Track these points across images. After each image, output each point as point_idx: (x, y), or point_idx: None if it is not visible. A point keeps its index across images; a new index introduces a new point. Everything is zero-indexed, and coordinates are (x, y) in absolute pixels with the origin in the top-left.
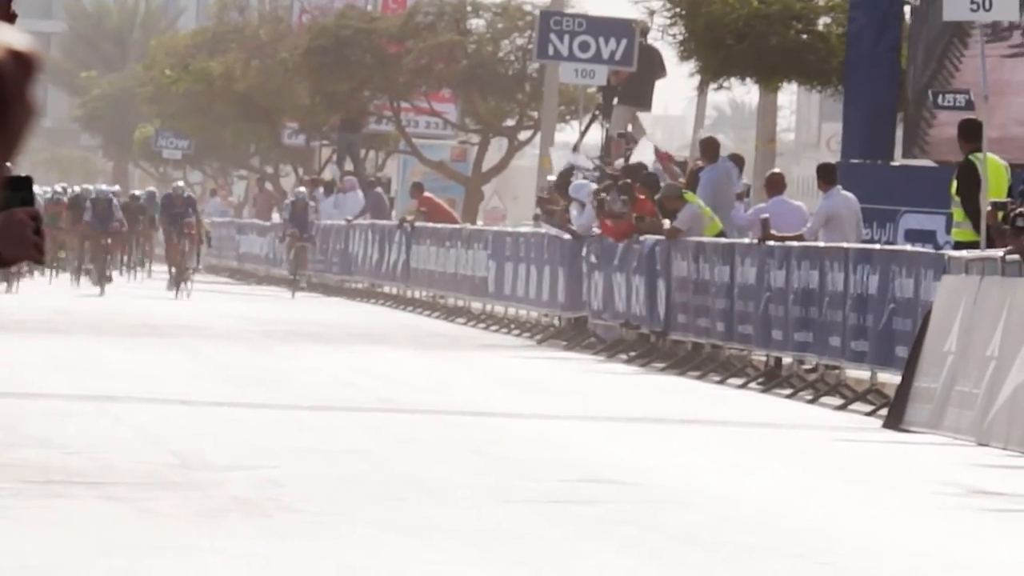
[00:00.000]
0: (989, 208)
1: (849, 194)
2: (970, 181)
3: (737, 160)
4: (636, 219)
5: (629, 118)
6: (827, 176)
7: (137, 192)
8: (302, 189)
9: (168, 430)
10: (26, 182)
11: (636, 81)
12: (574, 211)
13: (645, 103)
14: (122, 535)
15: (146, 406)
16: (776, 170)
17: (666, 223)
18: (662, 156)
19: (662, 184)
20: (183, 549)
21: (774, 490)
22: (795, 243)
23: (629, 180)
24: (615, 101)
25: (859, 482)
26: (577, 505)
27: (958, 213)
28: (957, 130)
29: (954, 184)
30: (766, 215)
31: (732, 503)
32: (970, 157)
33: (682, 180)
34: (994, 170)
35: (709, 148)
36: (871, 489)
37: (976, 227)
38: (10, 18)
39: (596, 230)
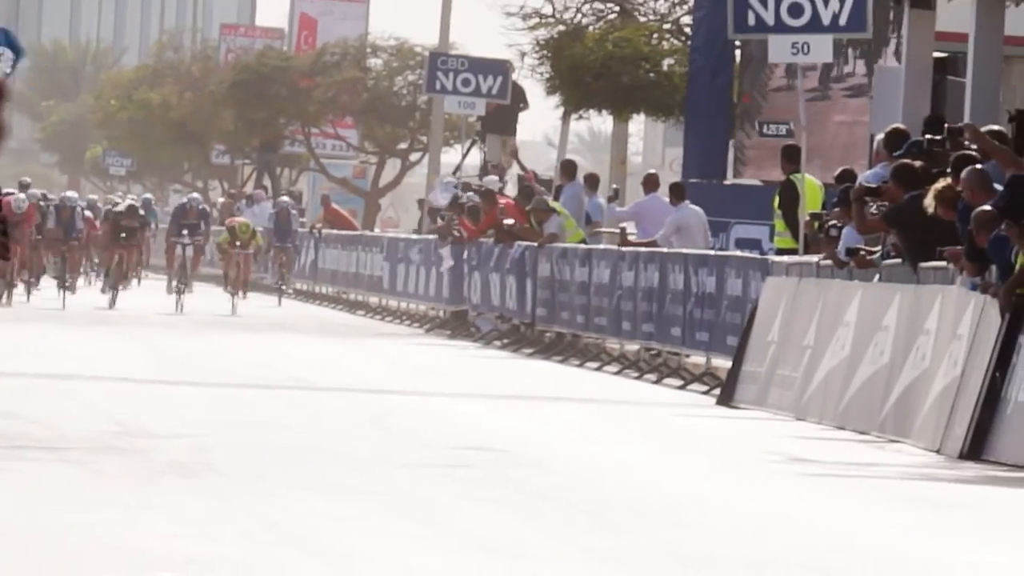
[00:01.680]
0: (807, 219)
1: (698, 208)
2: (791, 197)
3: (591, 179)
4: (506, 224)
5: (499, 145)
6: (678, 192)
7: (133, 199)
8: (285, 198)
9: (113, 404)
10: None
11: (502, 113)
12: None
13: (510, 131)
14: (75, 493)
15: (95, 383)
16: (652, 171)
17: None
18: (528, 176)
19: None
20: (127, 506)
21: (624, 457)
22: (643, 249)
23: (488, 189)
24: (479, 128)
25: (696, 451)
26: (459, 469)
27: (780, 224)
28: (780, 154)
29: (776, 199)
30: (624, 225)
31: (588, 468)
32: (791, 177)
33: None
34: (811, 188)
35: (568, 169)
36: (706, 456)
37: (795, 236)
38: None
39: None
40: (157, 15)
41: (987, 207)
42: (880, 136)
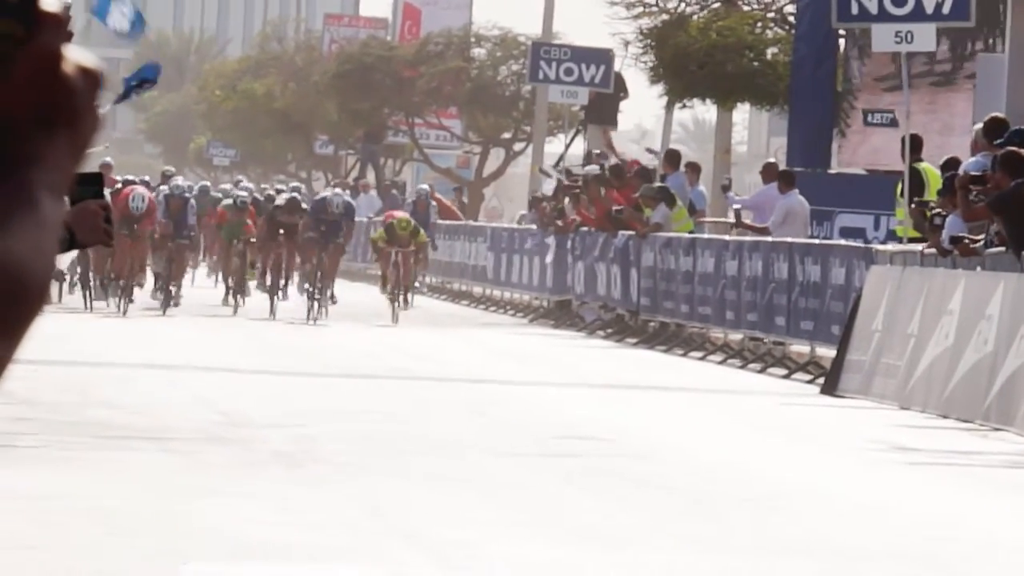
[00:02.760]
0: (913, 207)
1: (802, 197)
2: (916, 186)
3: (693, 168)
4: (615, 210)
5: (600, 135)
6: (788, 180)
7: (281, 187)
8: (424, 186)
9: (217, 393)
10: (97, 178)
11: (604, 102)
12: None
13: (612, 120)
14: (177, 482)
15: (198, 373)
16: (771, 160)
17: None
18: (630, 164)
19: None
20: (229, 494)
21: (728, 446)
22: (748, 238)
23: (602, 174)
24: (583, 117)
25: (800, 439)
26: (562, 458)
27: (901, 212)
28: (902, 143)
29: (899, 187)
30: (738, 206)
31: (692, 457)
32: (916, 165)
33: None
34: (933, 177)
35: (672, 158)
36: (811, 445)
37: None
38: (68, 37)
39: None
40: (261, 5)
41: None
42: (979, 126)
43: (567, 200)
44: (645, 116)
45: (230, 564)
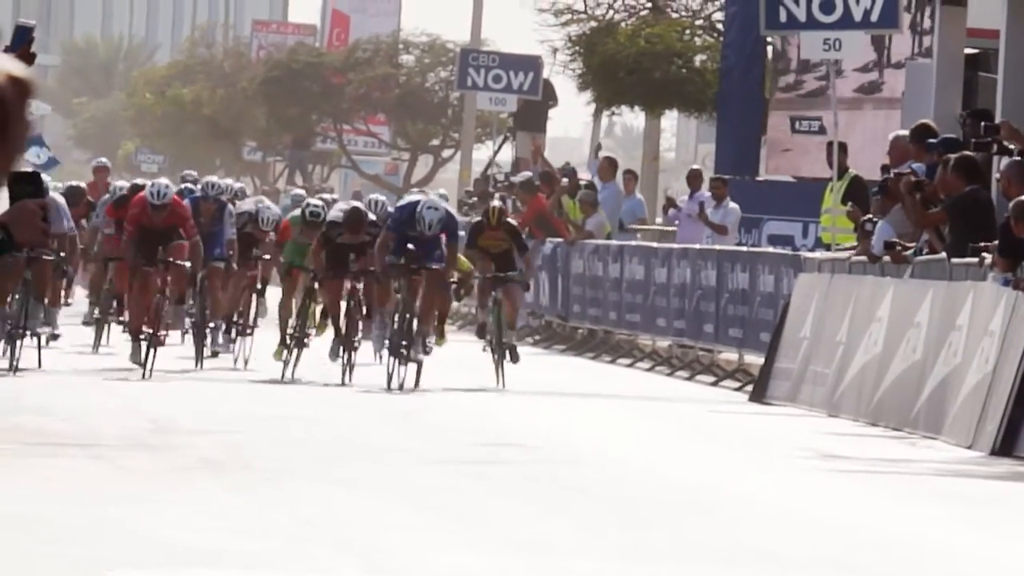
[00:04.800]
0: (849, 210)
1: (735, 204)
2: (859, 192)
3: (632, 175)
4: (537, 219)
5: (529, 141)
6: (726, 187)
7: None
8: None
9: (146, 400)
10: (34, 177)
11: (533, 109)
12: None
13: (540, 127)
14: (106, 489)
15: (128, 380)
16: (696, 166)
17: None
18: (552, 172)
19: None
20: (157, 501)
21: (656, 453)
22: (675, 245)
23: (528, 180)
24: (511, 125)
25: (728, 447)
26: (489, 465)
27: (826, 219)
28: (828, 150)
29: (842, 195)
30: (702, 200)
31: (620, 464)
32: (855, 173)
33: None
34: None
35: (608, 168)
36: (739, 452)
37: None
38: (29, 58)
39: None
40: (189, 11)
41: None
42: (897, 133)
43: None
44: (572, 124)
45: (158, 571)
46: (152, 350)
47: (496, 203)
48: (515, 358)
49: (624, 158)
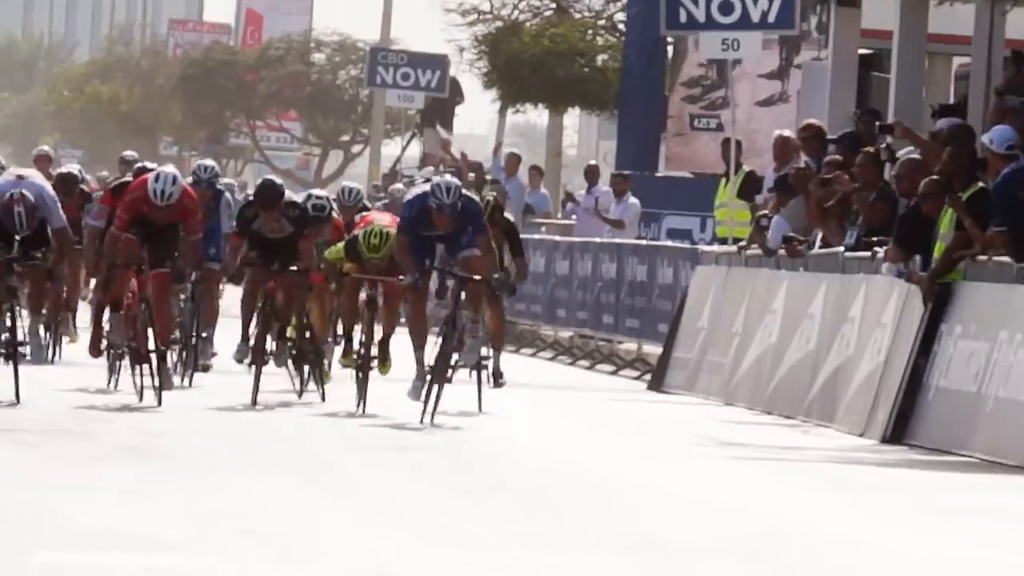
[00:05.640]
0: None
1: (636, 199)
2: (753, 188)
3: (538, 170)
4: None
5: (437, 138)
6: (627, 183)
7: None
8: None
9: (66, 386)
10: None
11: (440, 106)
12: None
13: (448, 124)
14: (29, 474)
15: (50, 368)
16: (593, 162)
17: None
18: (463, 163)
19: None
20: (78, 487)
21: (557, 441)
22: (576, 239)
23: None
24: (419, 121)
25: (627, 435)
26: (395, 452)
27: (720, 213)
28: (723, 147)
29: (737, 190)
30: (598, 196)
31: (524, 452)
32: (750, 169)
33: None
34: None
35: (512, 163)
36: (637, 440)
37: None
38: None
39: None
40: (108, 10)
41: (935, 177)
42: (782, 132)
43: None
44: (478, 121)
45: (79, 554)
46: (140, 367)
47: (489, 196)
48: (497, 381)
49: (528, 154)
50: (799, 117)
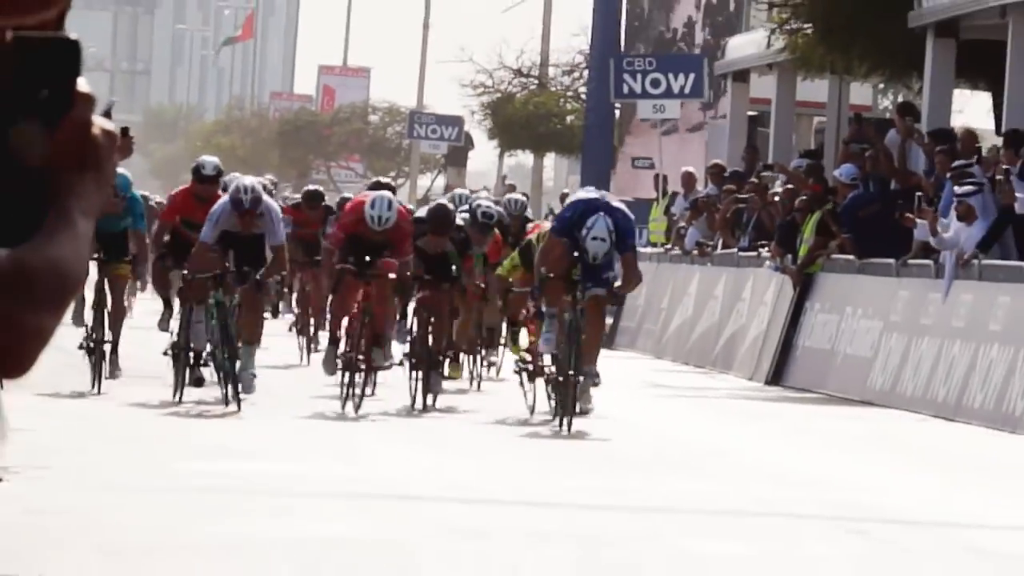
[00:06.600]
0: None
1: None
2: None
3: (526, 195)
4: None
5: (455, 176)
6: None
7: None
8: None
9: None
10: (65, 45)
11: (457, 151)
12: None
13: (463, 164)
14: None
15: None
16: (566, 190)
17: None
18: None
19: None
20: (204, 415)
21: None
22: None
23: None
24: (443, 162)
25: None
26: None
27: (654, 225)
28: (655, 180)
29: (663, 207)
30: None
31: (492, 408)
32: (673, 191)
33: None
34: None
35: (509, 189)
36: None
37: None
38: (126, 142)
39: None
40: (227, 85)
41: (803, 197)
42: (686, 169)
43: None
44: (484, 162)
45: (204, 463)
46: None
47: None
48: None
49: (520, 185)
50: (708, 157)
